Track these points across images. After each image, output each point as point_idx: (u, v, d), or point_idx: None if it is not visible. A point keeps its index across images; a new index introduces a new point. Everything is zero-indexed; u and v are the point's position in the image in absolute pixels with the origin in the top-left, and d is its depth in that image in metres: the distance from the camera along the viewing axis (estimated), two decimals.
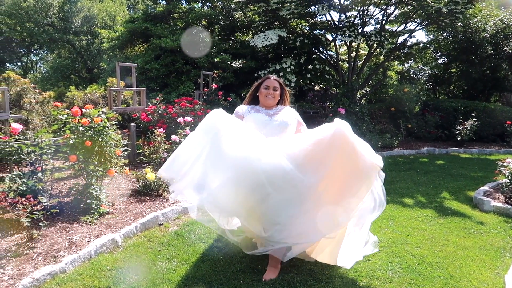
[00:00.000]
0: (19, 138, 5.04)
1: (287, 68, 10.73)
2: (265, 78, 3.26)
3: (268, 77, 3.25)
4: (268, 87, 3.20)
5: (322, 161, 2.70)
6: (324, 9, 10.41)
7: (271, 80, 3.23)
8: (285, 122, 3.07)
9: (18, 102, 6.90)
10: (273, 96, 3.18)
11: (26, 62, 30.53)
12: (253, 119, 3.10)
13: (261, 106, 3.24)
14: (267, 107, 3.21)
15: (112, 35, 13.01)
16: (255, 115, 3.13)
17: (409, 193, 5.58)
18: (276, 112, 3.17)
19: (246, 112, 3.21)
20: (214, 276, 3.05)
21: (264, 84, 3.22)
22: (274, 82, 3.22)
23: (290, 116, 3.17)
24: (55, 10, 21.25)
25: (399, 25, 12.50)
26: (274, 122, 3.05)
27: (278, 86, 3.24)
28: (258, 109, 3.21)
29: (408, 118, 10.42)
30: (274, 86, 3.20)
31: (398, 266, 3.28)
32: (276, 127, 3.02)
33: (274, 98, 3.19)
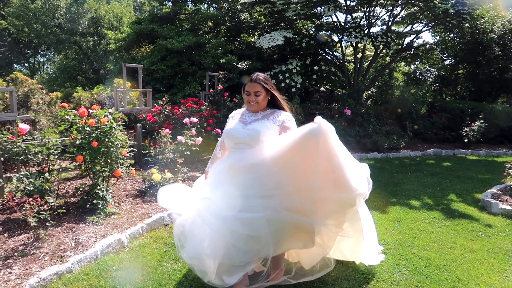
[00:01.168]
0: (27, 138, 5.07)
1: (293, 69, 10.71)
2: (247, 81, 2.88)
3: (249, 80, 2.86)
4: (248, 93, 2.85)
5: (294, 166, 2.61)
6: (330, 10, 10.38)
7: (252, 84, 2.83)
8: (256, 131, 2.73)
9: (26, 103, 6.95)
10: (255, 102, 2.83)
11: (33, 63, 30.74)
12: (228, 128, 2.90)
13: (249, 110, 2.96)
14: (253, 111, 2.92)
15: (119, 36, 13.07)
16: (232, 124, 2.92)
17: (415, 195, 5.54)
18: (257, 118, 2.86)
19: (230, 119, 3.02)
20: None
21: (245, 89, 2.88)
22: (255, 86, 2.82)
23: (270, 123, 2.80)
24: (62, 12, 21.36)
25: (406, 26, 12.45)
26: (245, 132, 2.78)
27: (261, 90, 2.82)
28: (242, 114, 2.98)
29: (414, 119, 10.36)
30: (255, 91, 2.82)
31: (405, 268, 3.26)
32: (246, 136, 2.75)
33: (258, 104, 2.85)
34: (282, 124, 2.81)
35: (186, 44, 10.63)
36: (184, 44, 10.59)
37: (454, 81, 13.80)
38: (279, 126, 2.80)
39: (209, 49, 11.21)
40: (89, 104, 8.62)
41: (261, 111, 2.90)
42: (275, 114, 2.86)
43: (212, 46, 11.29)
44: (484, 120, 9.68)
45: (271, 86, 2.87)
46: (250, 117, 2.89)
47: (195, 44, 10.98)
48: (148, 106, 7.61)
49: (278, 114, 2.86)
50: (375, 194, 5.48)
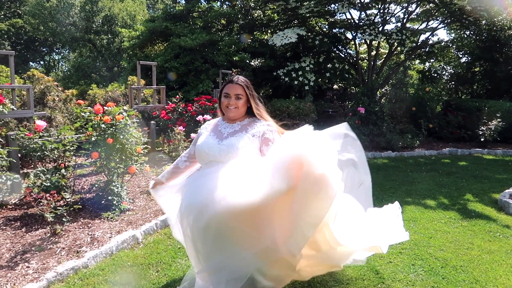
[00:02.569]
0: (43, 135, 5.15)
1: (306, 67, 10.66)
2: (227, 82, 2.47)
3: (230, 81, 2.46)
4: (228, 95, 2.42)
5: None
6: (344, 7, 10.30)
7: (233, 85, 2.41)
8: (232, 147, 2.33)
9: (42, 100, 7.05)
10: (235, 106, 2.41)
11: (48, 61, 31.22)
12: (202, 143, 2.47)
13: (225, 119, 2.53)
14: (230, 120, 2.50)
15: (133, 34, 13.17)
16: (206, 138, 2.48)
17: (431, 194, 5.46)
18: (234, 131, 2.44)
19: (203, 132, 2.60)
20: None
21: (224, 91, 2.44)
22: (237, 88, 2.40)
23: (249, 137, 2.40)
24: (76, 10, 21.64)
25: (421, 24, 12.28)
26: (220, 148, 2.36)
27: (243, 93, 2.41)
28: (217, 125, 2.55)
29: (429, 118, 10.21)
30: (236, 93, 2.39)
31: (421, 269, 3.21)
32: (222, 153, 2.35)
33: (238, 109, 2.42)
34: (263, 136, 2.42)
35: (199, 42, 10.65)
36: (197, 42, 10.62)
37: (470, 79, 13.57)
38: (260, 138, 2.42)
39: (222, 47, 11.22)
40: (104, 101, 8.71)
41: (239, 121, 2.48)
42: (254, 125, 2.44)
43: (225, 43, 11.30)
44: (502, 119, 9.50)
45: (251, 92, 2.47)
46: (226, 129, 2.46)
47: (208, 42, 11.00)
48: (161, 104, 7.66)
49: (258, 124, 2.45)
50: (390, 193, 5.43)
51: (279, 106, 9.41)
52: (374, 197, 5.28)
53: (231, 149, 2.32)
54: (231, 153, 2.32)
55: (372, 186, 5.95)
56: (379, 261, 3.33)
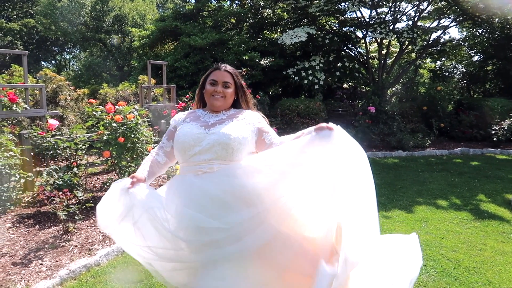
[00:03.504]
0: (55, 133, 5.20)
1: (316, 66, 10.62)
2: (213, 69, 2.15)
3: (217, 67, 2.14)
4: (215, 82, 2.08)
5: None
6: (354, 5, 10.23)
7: (220, 71, 2.11)
8: (225, 136, 1.90)
9: (54, 99, 7.14)
10: (222, 95, 2.06)
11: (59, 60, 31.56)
12: (183, 134, 1.99)
13: (206, 110, 2.14)
14: (214, 110, 2.11)
15: (143, 33, 13.25)
16: (188, 127, 2.02)
17: (442, 194, 5.41)
18: (221, 119, 2.04)
19: (180, 123, 2.14)
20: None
21: (210, 78, 2.11)
22: (225, 75, 2.10)
23: (242, 124, 2.01)
24: (87, 10, 21.84)
25: (432, 22, 12.15)
26: (210, 136, 1.93)
27: (231, 81, 2.10)
28: (198, 116, 2.12)
29: (440, 117, 10.11)
30: (224, 80, 2.08)
31: (433, 269, 3.18)
32: (212, 144, 1.90)
33: (225, 99, 2.07)
34: (258, 127, 2.04)
35: (209, 41, 10.67)
36: (207, 41, 10.64)
37: (482, 78, 13.40)
38: (253, 127, 2.03)
39: (232, 46, 11.23)
40: (115, 100, 8.78)
41: (224, 111, 2.11)
42: (243, 114, 2.08)
43: (235, 42, 11.31)
44: None
45: (240, 82, 2.16)
46: (210, 118, 2.07)
47: (218, 41, 11.02)
48: (172, 103, 7.70)
49: (246, 112, 2.10)
50: (401, 193, 5.39)
51: (288, 105, 9.39)
52: (384, 196, 5.28)
53: (223, 136, 1.90)
54: (223, 141, 1.89)
55: (382, 186, 5.93)
56: None
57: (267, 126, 2.11)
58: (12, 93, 5.39)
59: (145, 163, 2.16)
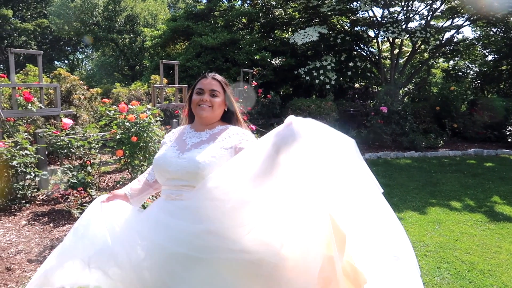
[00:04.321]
0: (69, 132, 5.27)
1: (327, 66, 10.57)
2: (200, 77, 1.96)
3: (204, 76, 1.95)
4: (201, 91, 1.88)
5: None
6: (366, 5, 10.16)
7: (207, 80, 1.91)
8: (194, 163, 1.70)
9: (68, 98, 7.23)
10: (209, 104, 1.86)
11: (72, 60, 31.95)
12: (159, 157, 1.86)
13: (193, 127, 1.94)
14: (202, 125, 1.91)
15: (155, 33, 13.34)
16: (165, 150, 1.88)
17: (456, 196, 5.35)
18: (200, 141, 1.84)
19: (166, 143, 1.97)
20: None
21: (197, 87, 1.92)
22: (213, 83, 1.90)
23: (218, 148, 1.78)
24: (100, 10, 22.05)
25: (445, 21, 12.01)
26: (180, 162, 1.75)
27: (220, 90, 1.90)
28: (181, 134, 1.95)
29: (454, 117, 9.99)
30: (211, 89, 1.88)
31: (447, 272, 3.15)
32: (180, 171, 1.73)
33: (212, 109, 1.87)
34: (237, 146, 1.79)
35: (220, 40, 10.70)
36: (218, 40, 10.67)
37: (497, 78, 13.20)
38: (233, 150, 1.79)
39: (243, 46, 11.24)
40: (127, 100, 8.85)
41: (208, 129, 1.89)
42: (226, 133, 1.86)
43: (246, 42, 11.32)
44: None
45: (231, 92, 1.96)
46: (191, 138, 1.88)
47: (229, 40, 11.04)
48: (183, 102, 7.74)
49: (231, 131, 1.88)
50: (413, 194, 5.34)
51: (299, 105, 9.37)
52: (397, 197, 5.25)
53: (192, 164, 1.71)
54: (191, 169, 1.70)
55: (395, 186, 5.89)
56: None
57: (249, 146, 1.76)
58: (27, 93, 5.48)
59: (135, 181, 2.06)
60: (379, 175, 6.40)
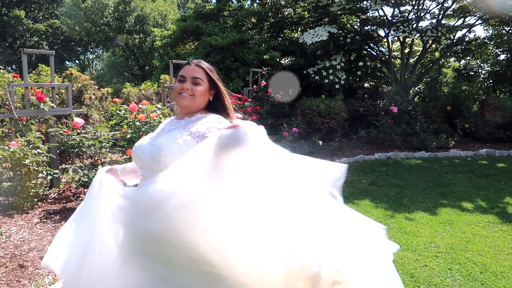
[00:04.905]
0: (80, 132, 5.32)
1: (337, 65, 10.53)
2: (184, 64, 1.81)
3: (187, 62, 1.80)
4: (183, 79, 1.75)
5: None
6: (377, 4, 10.08)
7: (190, 66, 1.77)
8: (157, 149, 1.61)
9: (79, 98, 7.30)
10: (191, 93, 1.72)
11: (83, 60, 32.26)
12: (136, 144, 1.78)
13: (178, 116, 1.83)
14: (182, 114, 1.78)
15: (165, 33, 13.40)
16: (144, 138, 1.79)
17: (467, 196, 5.29)
18: (175, 127, 1.72)
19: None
20: None
21: (179, 74, 1.78)
22: (195, 70, 1.75)
23: (181, 135, 1.64)
24: (110, 10, 22.22)
25: (457, 20, 11.88)
26: (148, 148, 1.66)
27: (203, 77, 1.76)
28: (167, 124, 1.84)
29: (465, 117, 9.88)
30: (194, 76, 1.74)
31: (458, 273, 3.12)
32: (147, 158, 1.65)
33: (194, 98, 1.73)
34: (205, 134, 1.61)
35: (229, 40, 10.71)
36: (228, 40, 10.68)
37: (509, 77, 13.01)
38: (200, 140, 1.60)
39: (252, 45, 11.24)
40: (137, 99, 8.91)
41: (188, 117, 1.75)
42: (201, 121, 1.69)
43: (256, 42, 11.32)
44: None
45: (217, 78, 1.81)
46: (169, 126, 1.77)
47: (238, 40, 11.05)
48: None
49: (207, 119, 1.70)
50: (424, 195, 5.29)
51: (309, 104, 9.34)
52: (407, 198, 5.21)
53: (155, 152, 1.61)
54: (154, 156, 1.61)
55: (405, 187, 5.85)
56: (414, 264, 3.26)
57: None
58: (40, 92, 5.54)
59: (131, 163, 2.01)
60: (389, 175, 6.35)
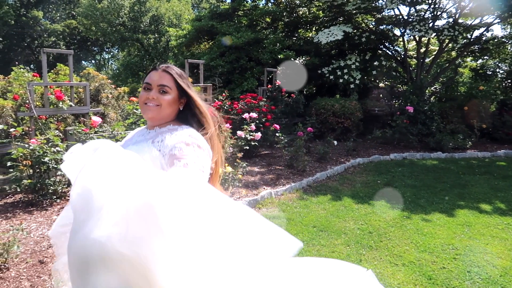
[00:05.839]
0: (98, 130, 5.40)
1: (352, 65, 10.46)
2: (150, 69, 1.59)
3: (154, 67, 1.58)
4: (149, 87, 1.53)
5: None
6: (392, 2, 9.99)
7: (157, 72, 1.54)
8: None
9: (97, 97, 7.40)
10: (157, 103, 1.51)
11: (99, 59, 32.70)
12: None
13: (146, 126, 1.64)
14: (151, 124, 1.58)
15: (180, 33, 13.50)
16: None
17: (486, 198, 5.20)
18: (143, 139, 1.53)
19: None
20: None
21: (145, 81, 1.56)
22: (162, 77, 1.53)
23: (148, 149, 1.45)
24: (126, 11, 22.47)
25: (474, 19, 11.68)
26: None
27: (171, 85, 1.53)
28: (136, 133, 1.66)
29: (483, 118, 9.71)
30: (161, 84, 1.52)
31: (477, 276, 3.07)
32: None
33: (160, 108, 1.51)
34: (172, 149, 1.40)
35: (244, 40, 10.74)
36: (242, 40, 10.71)
37: None
38: (166, 155, 1.41)
39: (267, 45, 11.24)
40: None
41: (160, 126, 1.55)
42: (170, 134, 1.46)
43: (270, 41, 11.32)
44: None
45: (187, 85, 1.57)
46: (138, 137, 1.58)
47: (253, 40, 11.06)
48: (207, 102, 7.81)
49: (176, 133, 1.46)
50: (441, 196, 5.23)
51: (323, 104, 9.31)
52: (424, 199, 5.15)
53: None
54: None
55: (421, 188, 5.79)
56: (432, 266, 3.23)
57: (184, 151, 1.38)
58: (59, 91, 5.64)
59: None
60: (405, 176, 6.29)
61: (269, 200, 4.87)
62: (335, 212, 4.54)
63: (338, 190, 5.45)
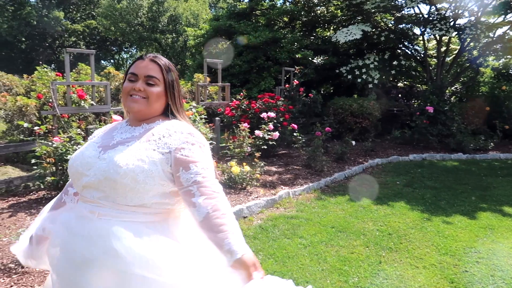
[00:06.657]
0: None
1: (370, 64, 10.36)
2: (136, 58, 1.46)
3: (140, 57, 1.44)
4: (134, 78, 1.40)
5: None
6: (412, 1, 9.85)
7: (144, 62, 1.41)
8: (114, 167, 1.25)
9: (117, 96, 7.52)
10: (144, 95, 1.38)
11: (117, 59, 33.17)
12: (74, 156, 1.39)
13: (129, 120, 1.47)
14: (137, 120, 1.43)
15: (198, 32, 13.59)
16: (85, 146, 1.42)
17: (509, 201, 5.09)
18: (131, 137, 1.38)
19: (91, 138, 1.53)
20: (300, 273, 3.05)
21: (130, 71, 1.42)
22: (150, 67, 1.40)
23: (148, 148, 1.31)
24: (144, 11, 22.76)
25: (497, 17, 11.41)
26: (100, 164, 1.29)
27: (159, 76, 1.40)
28: (113, 129, 1.47)
29: (505, 118, 9.51)
30: (147, 74, 1.39)
31: (501, 280, 3.01)
32: (98, 177, 1.27)
33: (147, 101, 1.39)
34: (177, 152, 1.31)
35: (262, 39, 10.74)
36: (260, 39, 10.72)
37: None
38: (171, 156, 1.32)
39: (285, 44, 11.23)
40: None
41: (146, 123, 1.42)
42: (166, 129, 1.37)
43: (288, 41, 11.30)
44: None
45: (174, 79, 1.45)
46: (122, 134, 1.41)
47: (270, 39, 11.06)
48: (226, 101, 7.84)
49: (173, 128, 1.37)
50: (462, 198, 5.14)
51: (341, 104, 9.24)
52: (444, 201, 5.07)
53: (111, 169, 1.25)
54: (110, 175, 1.25)
55: (442, 189, 5.70)
56: (454, 269, 3.18)
57: (195, 153, 1.32)
58: (81, 90, 5.75)
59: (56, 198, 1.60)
60: (425, 177, 6.20)
61: (287, 200, 4.87)
62: (353, 212, 4.51)
63: (356, 191, 5.41)
